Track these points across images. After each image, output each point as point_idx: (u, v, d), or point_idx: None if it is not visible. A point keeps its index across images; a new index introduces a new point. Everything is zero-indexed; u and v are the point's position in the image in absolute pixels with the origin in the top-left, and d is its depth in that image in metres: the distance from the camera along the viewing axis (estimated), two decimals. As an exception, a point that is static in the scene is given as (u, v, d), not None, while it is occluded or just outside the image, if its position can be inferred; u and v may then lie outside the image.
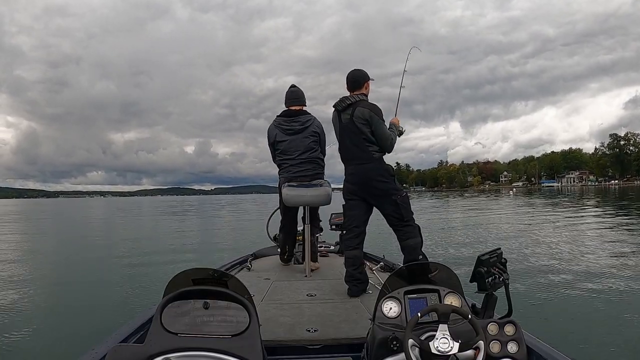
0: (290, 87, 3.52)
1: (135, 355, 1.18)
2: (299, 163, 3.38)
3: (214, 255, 8.27)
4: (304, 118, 3.40)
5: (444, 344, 1.24)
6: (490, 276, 1.57)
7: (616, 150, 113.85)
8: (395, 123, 2.97)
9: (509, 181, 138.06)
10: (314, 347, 1.94)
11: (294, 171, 3.38)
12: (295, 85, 3.54)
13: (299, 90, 3.51)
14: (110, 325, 2.70)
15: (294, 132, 3.36)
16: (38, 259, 8.69)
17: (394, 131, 2.89)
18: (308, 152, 3.38)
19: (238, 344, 1.22)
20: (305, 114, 3.45)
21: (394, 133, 2.88)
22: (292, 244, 3.73)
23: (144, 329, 1.79)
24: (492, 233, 11.10)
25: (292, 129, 3.37)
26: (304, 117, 3.40)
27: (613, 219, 13.90)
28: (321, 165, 3.49)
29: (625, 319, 3.74)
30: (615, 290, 4.75)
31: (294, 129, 3.36)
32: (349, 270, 2.76)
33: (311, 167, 3.39)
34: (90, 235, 13.95)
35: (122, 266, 7.29)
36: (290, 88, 3.51)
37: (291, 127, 3.37)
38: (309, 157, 3.38)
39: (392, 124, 2.95)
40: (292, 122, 3.38)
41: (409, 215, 2.76)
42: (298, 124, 3.37)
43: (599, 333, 3.44)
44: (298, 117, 3.39)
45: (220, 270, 1.46)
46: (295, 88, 3.50)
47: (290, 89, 3.51)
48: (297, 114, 3.41)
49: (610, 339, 3.30)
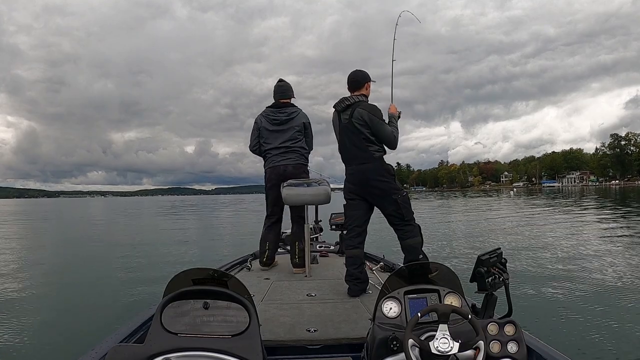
0: (278, 82, 3.67)
1: (135, 355, 1.18)
2: (282, 152, 3.52)
3: (214, 255, 8.27)
4: (290, 110, 3.56)
5: (444, 344, 1.24)
6: (490, 276, 1.58)
7: (617, 150, 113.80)
8: (393, 112, 2.93)
9: (509, 181, 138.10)
10: (314, 347, 1.94)
11: (277, 160, 3.52)
12: (283, 79, 3.69)
13: (286, 84, 3.66)
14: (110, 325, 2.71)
15: (280, 123, 3.52)
16: (38, 258, 8.69)
17: (395, 124, 2.86)
18: (291, 142, 3.51)
19: (238, 344, 1.22)
20: (291, 106, 3.61)
21: (395, 128, 2.85)
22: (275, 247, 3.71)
23: (144, 329, 1.79)
24: (492, 233, 11.10)
25: (278, 119, 3.53)
26: (290, 109, 3.57)
27: (614, 219, 13.88)
28: (304, 156, 3.60)
29: (626, 319, 3.73)
30: (615, 291, 4.74)
31: (279, 119, 3.53)
32: (349, 269, 2.76)
33: (293, 157, 3.52)
34: (90, 235, 13.95)
35: (122, 266, 7.29)
36: (277, 82, 3.67)
37: (277, 118, 3.54)
38: (291, 147, 3.51)
39: (391, 115, 2.91)
40: (279, 113, 3.55)
41: (409, 215, 2.76)
42: (284, 115, 3.53)
43: (599, 333, 3.44)
44: (285, 109, 3.56)
45: (220, 270, 1.46)
46: (282, 82, 3.66)
47: (277, 83, 3.67)
48: (284, 106, 3.58)
49: (611, 339, 3.30)
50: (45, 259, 8.70)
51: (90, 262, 7.95)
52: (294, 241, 3.54)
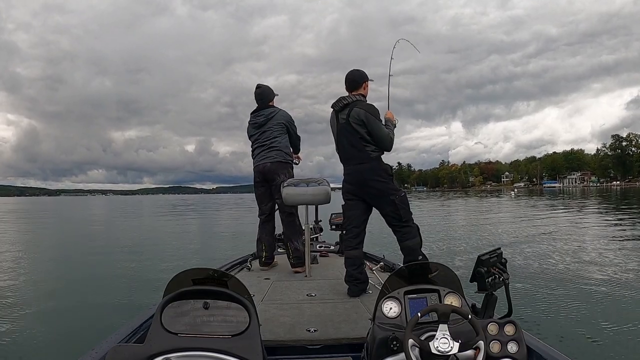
0: (256, 89, 3.76)
1: (135, 355, 1.18)
2: (263, 151, 3.64)
3: (214, 255, 8.27)
4: (267, 111, 3.67)
5: (444, 344, 1.24)
6: (490, 276, 1.58)
7: (618, 151, 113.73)
8: (390, 117, 2.93)
9: (510, 182, 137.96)
10: (314, 347, 1.94)
11: (259, 159, 3.64)
12: (261, 85, 3.76)
13: (264, 89, 3.74)
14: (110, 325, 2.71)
15: (259, 125, 3.67)
16: (38, 258, 8.69)
17: (391, 128, 2.87)
18: (271, 140, 3.62)
19: (238, 344, 1.22)
20: (270, 107, 3.71)
21: (392, 130, 2.85)
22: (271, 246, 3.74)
23: (144, 329, 1.79)
24: (492, 233, 11.09)
25: (257, 122, 3.69)
26: (267, 110, 3.68)
27: (614, 220, 13.87)
28: (285, 153, 3.66)
29: (626, 319, 3.73)
30: (615, 290, 4.74)
31: (258, 122, 3.68)
32: (349, 270, 2.76)
33: (272, 155, 3.61)
34: (90, 235, 13.95)
35: (122, 266, 7.29)
36: (255, 89, 3.76)
37: (256, 121, 3.70)
38: (271, 145, 3.61)
39: (388, 120, 2.91)
40: (257, 117, 3.70)
41: (407, 216, 2.74)
42: (262, 117, 3.67)
43: (599, 333, 3.43)
44: (262, 111, 3.69)
45: (220, 270, 1.46)
46: (259, 89, 3.74)
47: (255, 90, 3.75)
48: (262, 109, 3.70)
49: (611, 339, 3.30)
50: (45, 258, 8.70)
51: (90, 262, 7.95)
52: (285, 242, 3.61)
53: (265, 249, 3.68)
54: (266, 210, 3.72)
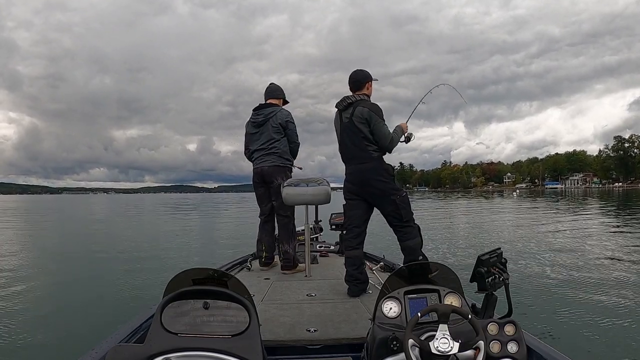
0: (269, 85, 3.72)
1: (135, 355, 1.18)
2: (261, 155, 3.55)
3: (214, 255, 8.27)
4: (267, 110, 3.53)
5: (444, 344, 1.24)
6: (490, 276, 1.57)
7: (620, 152, 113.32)
8: (403, 127, 2.96)
9: (512, 182, 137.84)
10: (314, 347, 1.94)
11: (258, 162, 3.56)
12: (274, 83, 3.74)
13: (274, 86, 3.69)
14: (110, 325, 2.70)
15: (258, 125, 3.55)
16: (38, 257, 8.70)
17: (397, 132, 2.88)
18: (268, 143, 3.52)
19: (238, 344, 1.22)
20: (271, 106, 3.59)
21: (396, 134, 2.86)
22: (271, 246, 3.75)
23: (144, 329, 1.79)
24: (492, 233, 11.07)
25: (256, 121, 3.56)
26: (268, 109, 3.54)
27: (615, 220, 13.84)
28: (282, 157, 3.56)
29: (626, 319, 3.72)
30: (615, 291, 4.73)
31: (257, 122, 3.55)
32: (349, 270, 2.76)
33: (270, 159, 3.52)
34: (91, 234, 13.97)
35: (122, 266, 7.29)
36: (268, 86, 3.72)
37: (255, 120, 3.56)
38: (269, 148, 3.52)
39: (399, 127, 2.93)
40: (257, 115, 3.56)
41: (408, 216, 2.75)
42: (261, 117, 3.53)
43: (599, 333, 3.43)
44: (263, 110, 3.55)
45: (220, 270, 1.46)
46: (271, 85, 3.70)
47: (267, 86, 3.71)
48: (264, 107, 3.58)
49: (610, 339, 3.29)
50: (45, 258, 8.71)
51: (90, 262, 7.95)
52: (277, 243, 3.64)
53: (265, 249, 3.69)
54: (266, 210, 3.72)
